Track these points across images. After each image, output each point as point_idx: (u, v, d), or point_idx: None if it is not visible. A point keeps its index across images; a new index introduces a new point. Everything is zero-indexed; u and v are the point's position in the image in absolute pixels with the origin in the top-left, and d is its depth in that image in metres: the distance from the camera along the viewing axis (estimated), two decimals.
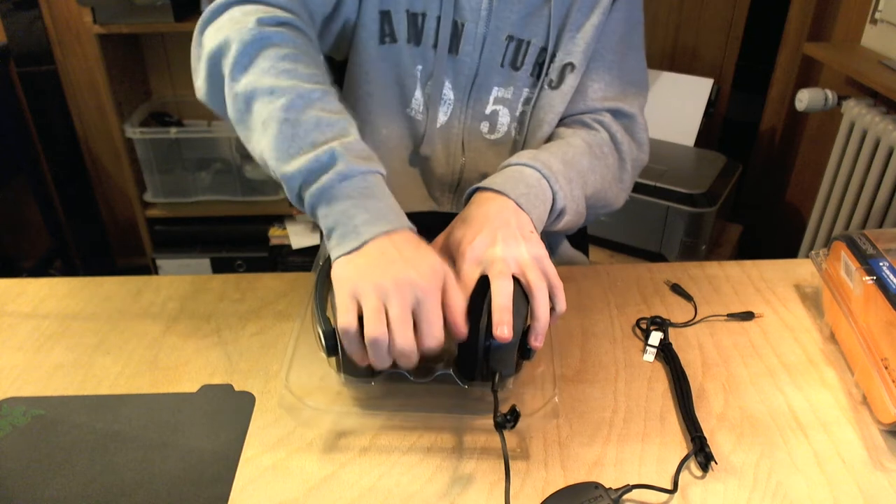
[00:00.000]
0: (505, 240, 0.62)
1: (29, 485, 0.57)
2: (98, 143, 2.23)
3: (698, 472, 0.58)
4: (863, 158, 1.66)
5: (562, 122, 0.84)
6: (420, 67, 0.80)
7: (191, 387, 0.67)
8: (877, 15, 1.74)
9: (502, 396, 0.58)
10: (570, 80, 0.81)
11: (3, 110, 2.03)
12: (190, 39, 0.71)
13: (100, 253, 2.39)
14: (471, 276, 0.61)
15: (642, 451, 0.60)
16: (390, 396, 0.64)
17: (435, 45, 0.78)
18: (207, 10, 0.70)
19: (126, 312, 0.77)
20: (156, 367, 0.70)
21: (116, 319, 0.76)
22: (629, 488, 0.56)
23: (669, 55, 2.19)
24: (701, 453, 0.59)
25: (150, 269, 2.23)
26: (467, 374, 0.61)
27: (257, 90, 0.63)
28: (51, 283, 0.83)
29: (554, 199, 0.71)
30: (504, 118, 0.83)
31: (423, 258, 0.57)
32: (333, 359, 0.61)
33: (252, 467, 0.58)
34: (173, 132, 2.03)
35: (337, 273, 0.58)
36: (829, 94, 1.74)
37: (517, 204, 0.67)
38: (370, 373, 0.61)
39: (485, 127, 0.84)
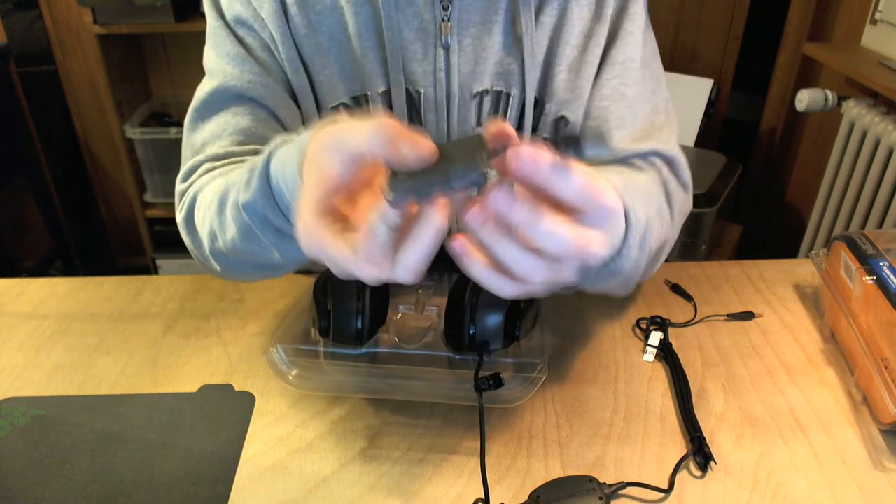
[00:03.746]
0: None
1: (29, 485, 0.57)
2: (98, 143, 2.23)
3: (697, 472, 0.58)
4: (863, 158, 1.67)
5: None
6: None
7: (191, 387, 0.67)
8: (877, 15, 1.74)
9: (490, 367, 0.59)
10: None
11: (3, 110, 2.03)
12: (190, 40, 0.72)
13: (100, 253, 2.39)
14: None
15: (642, 450, 0.60)
16: (377, 364, 0.67)
17: None
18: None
19: (126, 312, 0.78)
20: (156, 367, 0.70)
21: (116, 319, 0.76)
22: (623, 485, 0.56)
23: (669, 55, 2.19)
24: (700, 453, 0.59)
25: (150, 269, 2.23)
26: (455, 344, 0.63)
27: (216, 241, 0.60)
28: (51, 283, 0.83)
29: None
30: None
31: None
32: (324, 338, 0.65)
33: (252, 467, 0.59)
34: (173, 132, 2.03)
35: None
36: (829, 94, 1.74)
37: None
38: (358, 339, 0.64)
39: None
